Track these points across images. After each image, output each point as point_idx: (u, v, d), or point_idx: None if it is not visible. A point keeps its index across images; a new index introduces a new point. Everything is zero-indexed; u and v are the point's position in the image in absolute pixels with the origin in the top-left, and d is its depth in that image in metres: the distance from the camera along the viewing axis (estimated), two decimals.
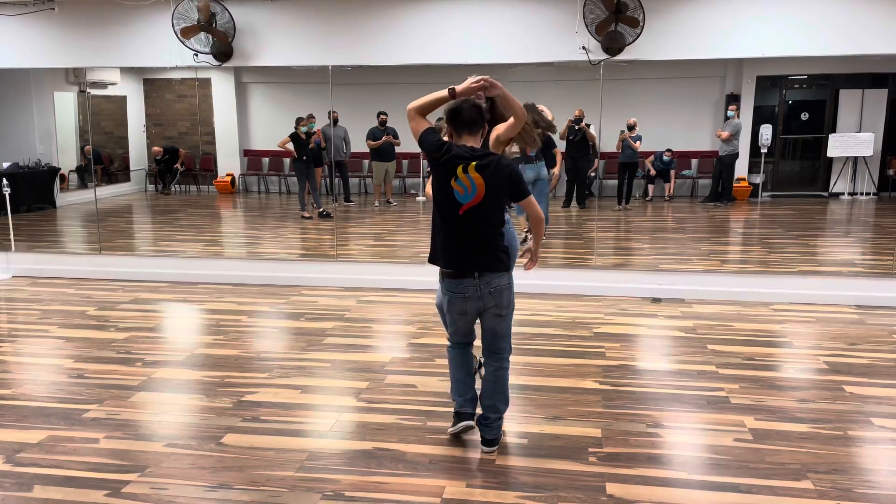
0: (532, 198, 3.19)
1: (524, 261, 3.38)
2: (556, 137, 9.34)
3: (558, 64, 6.25)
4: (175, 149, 10.93)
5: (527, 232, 7.44)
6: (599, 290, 6.05)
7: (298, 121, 9.13)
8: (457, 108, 3.13)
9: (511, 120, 3.32)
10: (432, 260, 3.23)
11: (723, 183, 9.59)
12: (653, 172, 9.94)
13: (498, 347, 3.27)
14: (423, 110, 3.21)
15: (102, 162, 10.39)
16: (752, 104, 9.71)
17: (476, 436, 3.36)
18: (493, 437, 3.25)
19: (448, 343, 3.38)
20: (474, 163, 3.05)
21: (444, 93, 3.18)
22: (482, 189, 3.05)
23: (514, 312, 3.30)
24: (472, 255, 3.11)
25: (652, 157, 9.91)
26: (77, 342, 4.86)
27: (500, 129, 3.40)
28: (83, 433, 3.43)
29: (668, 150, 9.80)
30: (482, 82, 3.15)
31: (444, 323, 3.41)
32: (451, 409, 3.66)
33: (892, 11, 5.46)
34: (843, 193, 9.86)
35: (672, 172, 9.96)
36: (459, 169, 3.05)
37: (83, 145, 9.97)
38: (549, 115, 6.78)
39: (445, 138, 3.19)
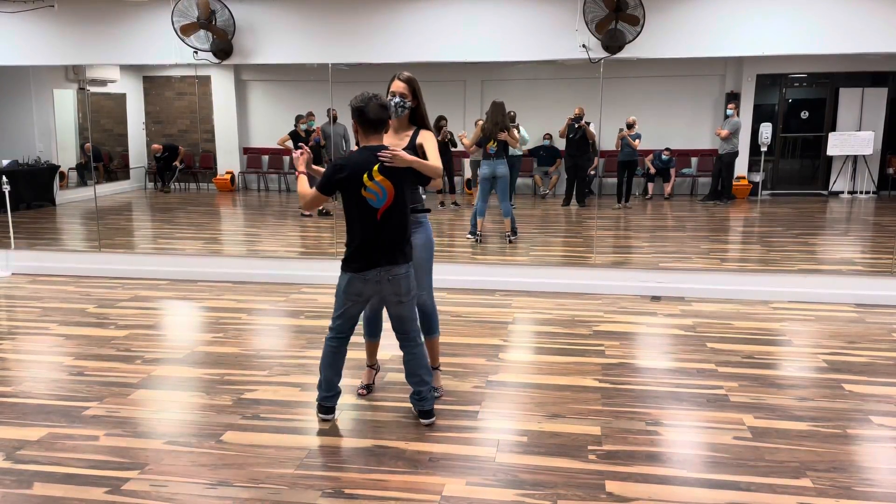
0: (438, 166, 3.35)
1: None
2: (555, 136, 9.38)
3: (558, 62, 6.25)
4: (175, 146, 10.93)
5: (509, 234, 7.48)
6: (599, 288, 6.05)
7: (298, 118, 9.12)
8: (360, 108, 3.20)
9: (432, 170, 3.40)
10: (347, 266, 3.33)
11: (722, 181, 9.59)
12: (652, 171, 9.94)
13: (405, 330, 3.44)
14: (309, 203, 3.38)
15: (102, 159, 10.38)
16: (752, 102, 9.71)
17: (480, 434, 3.37)
18: (429, 408, 3.48)
19: (328, 334, 3.47)
20: (376, 166, 3.18)
21: (305, 184, 3.37)
22: (391, 188, 3.20)
23: (516, 309, 3.30)
24: (384, 251, 3.26)
25: (651, 156, 9.91)
26: (77, 339, 4.86)
27: (426, 147, 3.48)
28: (83, 430, 3.43)
29: (667, 150, 9.80)
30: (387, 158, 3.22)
31: (335, 307, 3.46)
32: (451, 407, 3.67)
33: (892, 10, 5.46)
34: (842, 192, 9.86)
35: (672, 171, 9.96)
36: (365, 177, 3.18)
37: (83, 143, 9.97)
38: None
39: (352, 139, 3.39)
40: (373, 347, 3.94)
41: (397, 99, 3.49)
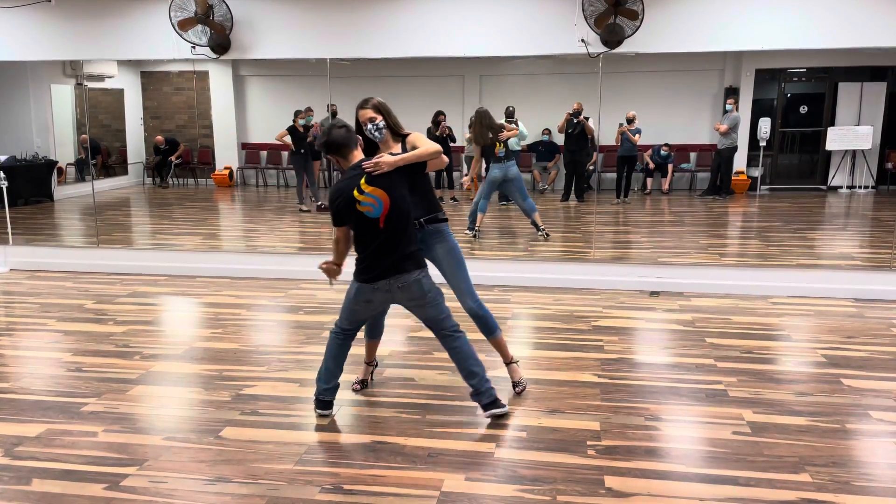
0: (429, 148, 3.37)
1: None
2: (554, 131, 9.36)
3: (557, 57, 6.23)
4: (176, 142, 10.91)
5: (544, 230, 7.47)
6: (598, 283, 6.05)
7: (297, 114, 9.10)
8: (327, 142, 3.31)
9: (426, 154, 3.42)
10: (358, 276, 3.37)
11: (721, 176, 9.58)
12: (651, 166, 9.93)
13: (440, 328, 3.45)
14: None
15: (100, 153, 10.36)
16: (751, 97, 9.69)
17: (479, 429, 3.37)
18: (489, 401, 3.41)
19: (333, 328, 3.52)
20: (363, 179, 3.24)
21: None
22: (384, 195, 3.24)
23: (515, 304, 3.30)
24: (393, 260, 3.30)
25: (650, 152, 9.90)
26: (75, 336, 4.85)
27: (416, 143, 3.51)
28: (81, 426, 3.43)
29: (666, 145, 9.78)
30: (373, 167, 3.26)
31: (343, 307, 3.49)
32: (450, 403, 3.67)
33: (890, 4, 5.45)
34: (841, 187, 9.86)
35: (670, 166, 9.95)
36: (355, 192, 3.24)
37: (81, 135, 9.94)
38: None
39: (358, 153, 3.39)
40: (372, 346, 3.95)
41: (370, 126, 3.54)
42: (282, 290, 6.04)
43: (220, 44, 6.25)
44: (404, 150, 3.55)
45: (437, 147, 3.43)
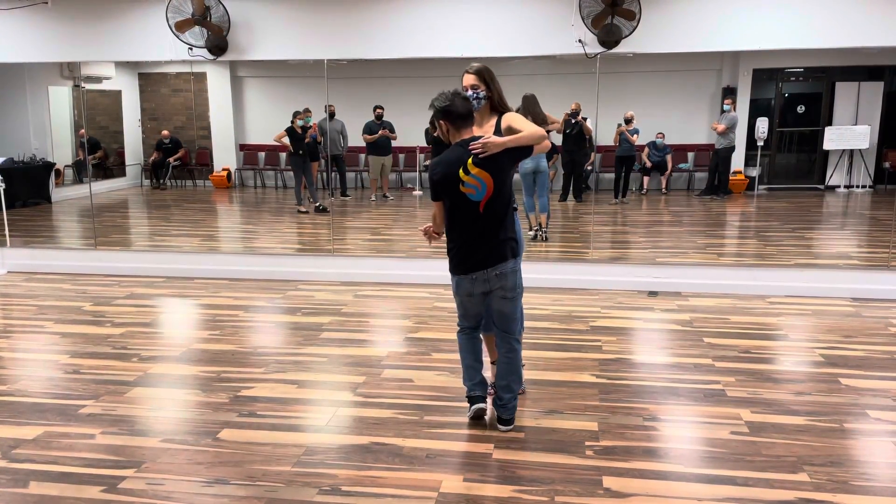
0: (535, 131, 3.23)
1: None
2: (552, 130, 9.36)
3: (555, 57, 6.23)
4: (179, 142, 10.91)
5: (536, 230, 7.45)
6: (596, 283, 6.06)
7: (295, 114, 9.10)
8: (448, 108, 3.19)
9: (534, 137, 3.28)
10: (453, 269, 3.28)
11: (719, 176, 9.59)
12: (648, 165, 9.93)
13: (507, 329, 3.35)
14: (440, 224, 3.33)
15: (100, 149, 10.35)
16: (749, 97, 9.70)
17: (477, 430, 3.37)
18: (508, 417, 3.38)
19: (457, 328, 3.45)
20: (470, 159, 3.12)
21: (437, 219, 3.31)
22: (489, 179, 3.13)
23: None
24: (490, 249, 3.19)
25: (647, 150, 9.90)
26: (73, 338, 4.85)
27: (513, 124, 3.37)
28: (79, 429, 3.42)
29: (660, 133, 9.78)
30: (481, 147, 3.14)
31: (457, 307, 3.44)
32: (448, 404, 3.67)
33: (888, 4, 5.45)
34: (839, 186, 9.87)
35: (669, 158, 9.92)
36: (461, 172, 3.13)
37: (80, 133, 9.94)
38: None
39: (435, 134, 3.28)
40: (489, 342, 3.78)
41: (470, 92, 3.43)
42: (280, 292, 6.03)
43: (218, 45, 6.25)
44: (499, 124, 3.43)
45: (542, 130, 3.29)
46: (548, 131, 7.21)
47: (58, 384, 4.01)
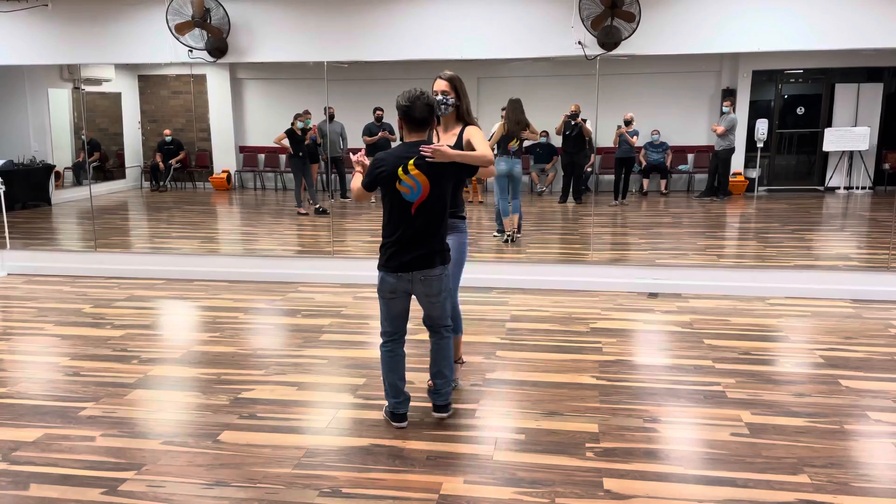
0: (486, 154, 3.36)
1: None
2: (551, 133, 9.37)
3: (554, 59, 6.24)
4: (180, 144, 10.92)
5: (509, 235, 7.45)
6: (596, 285, 6.06)
7: (297, 116, 9.10)
8: (409, 106, 3.24)
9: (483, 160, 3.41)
10: (382, 265, 3.36)
11: (719, 178, 9.60)
12: (644, 163, 9.93)
13: (438, 325, 3.47)
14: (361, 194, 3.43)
15: (99, 151, 10.36)
16: (748, 99, 9.72)
17: (478, 432, 3.37)
18: (442, 404, 3.50)
19: (381, 340, 3.47)
20: (412, 160, 3.20)
21: (358, 179, 3.43)
22: (426, 182, 3.20)
23: (513, 307, 3.29)
24: (419, 254, 3.27)
25: (644, 151, 9.91)
26: (73, 340, 4.85)
27: (473, 140, 3.51)
28: (79, 431, 3.42)
29: (656, 130, 9.78)
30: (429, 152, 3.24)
31: (380, 311, 3.48)
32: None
33: (887, 5, 5.46)
34: (838, 188, 9.88)
35: (668, 154, 9.90)
36: (400, 170, 3.21)
37: (81, 136, 9.94)
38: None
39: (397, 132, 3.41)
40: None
41: (440, 97, 3.54)
42: (280, 294, 6.03)
43: (218, 47, 6.25)
44: (461, 134, 3.55)
45: (491, 156, 3.41)
46: (525, 139, 7.25)
47: (58, 386, 4.00)
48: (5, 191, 7.05)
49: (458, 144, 3.53)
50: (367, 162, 3.42)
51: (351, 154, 3.50)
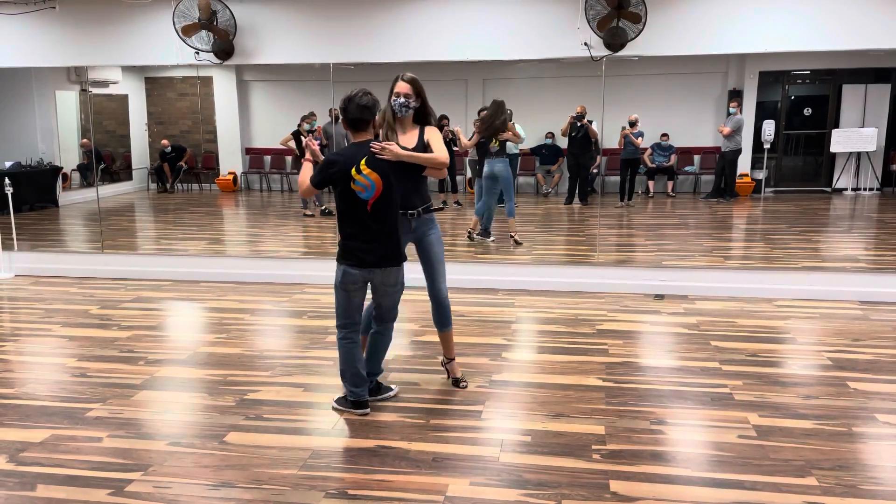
0: (439, 157, 3.49)
1: None
2: (557, 134, 9.36)
3: (560, 60, 6.24)
4: (182, 147, 10.95)
5: (478, 234, 7.44)
6: (602, 286, 6.04)
7: (304, 118, 9.12)
8: (344, 109, 3.37)
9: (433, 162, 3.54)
10: (341, 260, 3.46)
11: (725, 179, 9.58)
12: (650, 164, 9.91)
13: (390, 317, 3.68)
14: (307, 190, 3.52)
15: (103, 160, 10.39)
16: (755, 100, 9.70)
17: (483, 434, 3.36)
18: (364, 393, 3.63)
19: (337, 334, 3.58)
20: (364, 159, 3.31)
21: (306, 171, 3.52)
22: (379, 181, 3.31)
23: (519, 308, 3.29)
24: (377, 252, 3.40)
25: (650, 151, 9.89)
26: (80, 341, 4.86)
27: (432, 140, 3.60)
28: (86, 432, 3.43)
29: (665, 135, 9.77)
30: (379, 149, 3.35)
31: (336, 303, 3.57)
32: (454, 407, 3.66)
33: (894, 5, 5.44)
34: (846, 189, 9.85)
35: (673, 157, 9.88)
36: (353, 170, 3.31)
37: (82, 139, 9.99)
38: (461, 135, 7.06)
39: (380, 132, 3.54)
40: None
41: (402, 99, 3.59)
42: (286, 295, 6.04)
43: (224, 49, 6.27)
44: (421, 135, 3.61)
45: (445, 158, 3.51)
46: (505, 140, 7.23)
47: (65, 387, 4.02)
48: (13, 192, 7.08)
49: (420, 145, 3.59)
50: (317, 147, 3.56)
51: (303, 138, 3.60)
